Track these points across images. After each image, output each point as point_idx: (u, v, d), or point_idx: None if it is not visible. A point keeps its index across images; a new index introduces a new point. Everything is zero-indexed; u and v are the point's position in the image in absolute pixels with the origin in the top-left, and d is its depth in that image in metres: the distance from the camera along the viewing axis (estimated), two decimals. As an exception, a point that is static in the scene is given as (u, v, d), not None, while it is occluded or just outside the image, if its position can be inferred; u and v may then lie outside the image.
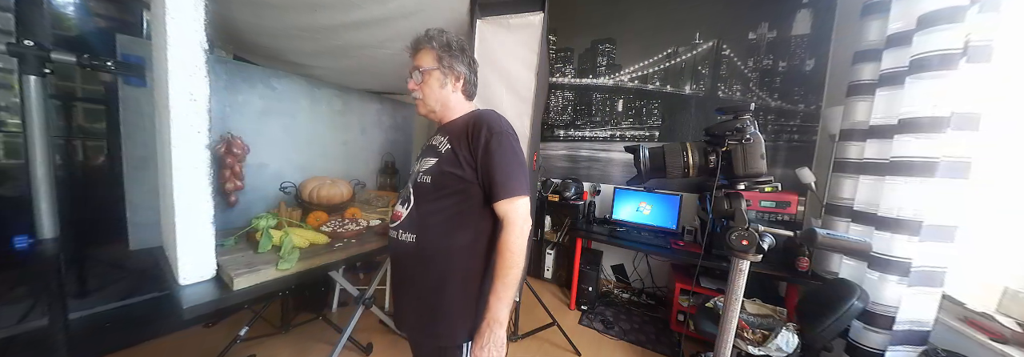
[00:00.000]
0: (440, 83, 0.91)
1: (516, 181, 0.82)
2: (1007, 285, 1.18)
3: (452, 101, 0.94)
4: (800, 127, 2.13)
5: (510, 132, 0.86)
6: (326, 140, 2.10)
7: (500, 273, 0.80)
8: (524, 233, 0.81)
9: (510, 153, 0.83)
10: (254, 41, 1.62)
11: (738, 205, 0.83)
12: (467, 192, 0.85)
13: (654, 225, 2.40)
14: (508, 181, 0.81)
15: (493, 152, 0.81)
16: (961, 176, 1.21)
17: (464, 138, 0.85)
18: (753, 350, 1.36)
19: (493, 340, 0.79)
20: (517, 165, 0.84)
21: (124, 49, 1.57)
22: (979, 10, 1.17)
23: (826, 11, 2.02)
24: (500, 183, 0.81)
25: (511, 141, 0.84)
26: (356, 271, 2.76)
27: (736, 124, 0.79)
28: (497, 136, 0.83)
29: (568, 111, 2.96)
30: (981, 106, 1.19)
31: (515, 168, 0.83)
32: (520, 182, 0.82)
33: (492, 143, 0.82)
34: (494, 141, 0.82)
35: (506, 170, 0.82)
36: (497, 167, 0.81)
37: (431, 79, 0.90)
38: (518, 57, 1.51)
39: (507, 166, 0.82)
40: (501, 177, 0.81)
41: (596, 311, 2.34)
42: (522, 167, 0.85)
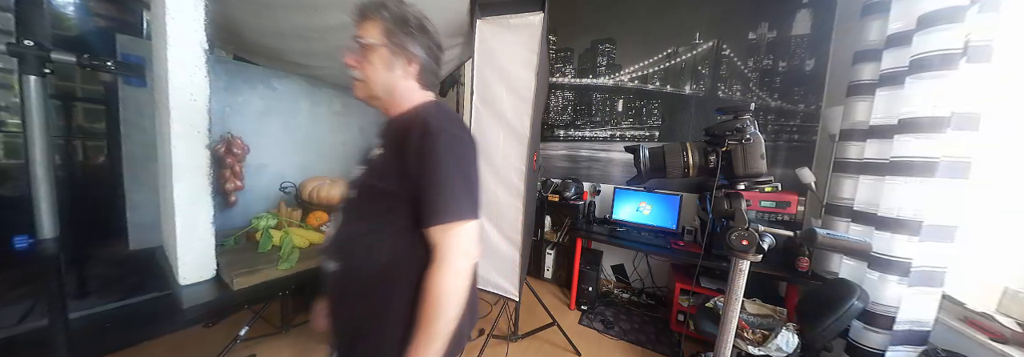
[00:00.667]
0: (385, 64, 0.70)
1: (454, 200, 0.61)
2: (1007, 285, 1.18)
3: (400, 89, 0.72)
4: (800, 127, 2.13)
5: (454, 132, 0.64)
6: (326, 140, 2.10)
7: (422, 322, 0.61)
8: (460, 272, 0.62)
9: (449, 160, 0.62)
10: (254, 41, 1.62)
11: (738, 205, 0.83)
12: (397, 212, 0.65)
13: (654, 225, 2.39)
14: (443, 199, 0.61)
15: (425, 159, 0.61)
16: (961, 176, 1.21)
17: (399, 140, 0.65)
18: (753, 350, 1.36)
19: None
20: (458, 177, 0.62)
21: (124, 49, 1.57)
22: (979, 10, 1.17)
23: (826, 11, 2.02)
24: (431, 202, 0.61)
25: (452, 144, 0.63)
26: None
27: (736, 124, 0.79)
28: (432, 137, 0.61)
29: (568, 111, 2.95)
30: (981, 106, 1.19)
31: (454, 181, 0.62)
32: (460, 201, 0.62)
33: (425, 146, 0.61)
34: (428, 144, 0.61)
35: (441, 184, 0.61)
36: (429, 180, 0.61)
37: (374, 57, 0.70)
38: (518, 57, 1.51)
39: (442, 178, 0.61)
40: (432, 194, 0.61)
41: (596, 311, 2.34)
42: (466, 179, 0.64)
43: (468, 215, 0.62)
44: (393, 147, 0.67)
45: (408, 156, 0.63)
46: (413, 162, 0.62)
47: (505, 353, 1.84)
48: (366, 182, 0.70)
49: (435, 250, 0.62)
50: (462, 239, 0.62)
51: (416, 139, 0.62)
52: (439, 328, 0.61)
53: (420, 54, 0.73)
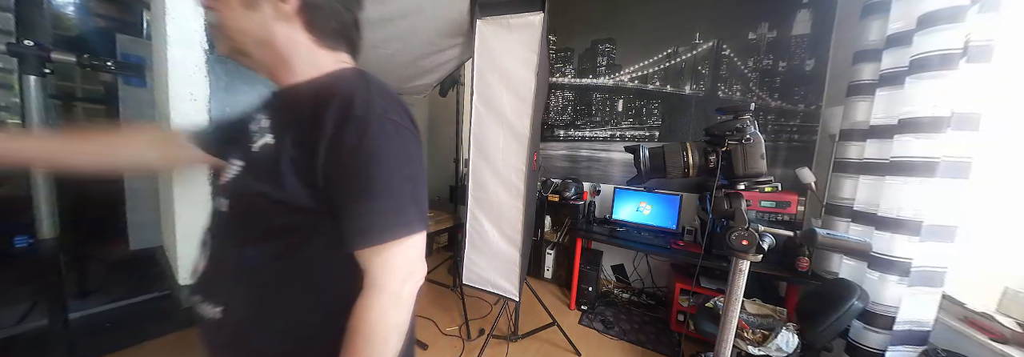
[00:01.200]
0: (245, 1, 0.47)
1: (398, 212, 0.45)
2: (1007, 285, 1.18)
3: (282, 42, 0.49)
4: (800, 127, 2.13)
5: (395, 119, 0.46)
6: (326, 140, 2.10)
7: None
8: (402, 301, 0.45)
9: (391, 159, 0.44)
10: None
11: (738, 205, 0.83)
12: (310, 230, 0.47)
13: (654, 225, 2.39)
14: (382, 213, 0.44)
15: (357, 157, 0.43)
16: (961, 176, 1.21)
17: (305, 127, 0.44)
18: (753, 350, 1.36)
19: None
20: (404, 182, 0.46)
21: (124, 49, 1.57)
22: (979, 10, 1.16)
23: (826, 11, 2.01)
24: (363, 216, 0.44)
25: (396, 136, 0.45)
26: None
27: (736, 124, 0.79)
28: (366, 125, 0.43)
29: (568, 111, 2.95)
30: (981, 106, 1.19)
31: (398, 187, 0.45)
32: (406, 213, 0.46)
33: (355, 139, 0.42)
34: (359, 135, 0.42)
35: (380, 192, 0.44)
36: (362, 186, 0.43)
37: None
38: (518, 57, 1.51)
39: (383, 184, 0.44)
40: (366, 205, 0.43)
41: (596, 311, 2.34)
42: (413, 184, 0.47)
43: (417, 228, 0.46)
44: (297, 135, 0.45)
45: (327, 151, 0.43)
46: (336, 160, 0.43)
47: (505, 353, 1.84)
48: (250, 188, 0.46)
49: (368, 274, 0.45)
50: (407, 259, 0.46)
51: (338, 127, 0.42)
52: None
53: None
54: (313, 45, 0.51)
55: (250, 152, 0.47)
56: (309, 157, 0.43)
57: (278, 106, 0.51)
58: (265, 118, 0.50)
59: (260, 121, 0.51)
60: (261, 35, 0.49)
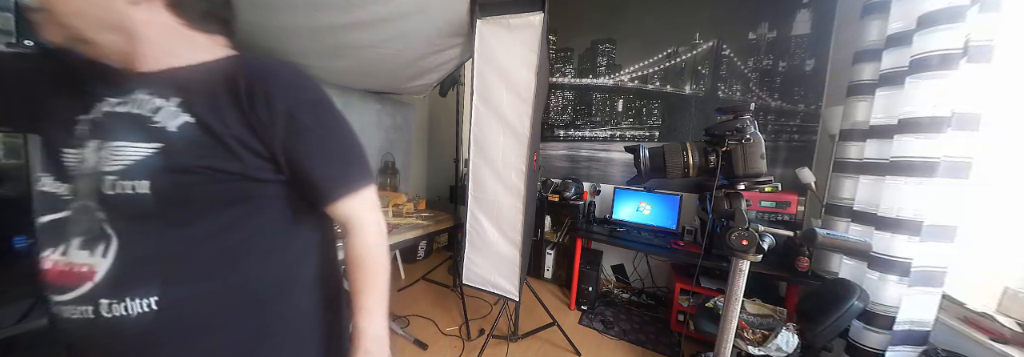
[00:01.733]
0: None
1: (355, 165, 0.57)
2: (1007, 285, 1.18)
3: (141, 26, 0.46)
4: (800, 127, 2.13)
5: (325, 97, 0.54)
6: (326, 140, 2.10)
7: (365, 285, 0.57)
8: (383, 229, 0.60)
9: (337, 125, 0.55)
10: (254, 41, 1.62)
11: (738, 205, 0.83)
12: (262, 198, 0.51)
13: (654, 225, 2.39)
14: (347, 168, 0.56)
15: (312, 128, 0.51)
16: (961, 176, 1.21)
17: (229, 103, 0.47)
18: (753, 350, 1.36)
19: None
20: (351, 141, 0.56)
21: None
22: (979, 10, 1.16)
23: (826, 11, 2.01)
24: (333, 177, 0.54)
25: (331, 106, 0.54)
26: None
27: (736, 124, 0.79)
28: (313, 103, 0.52)
29: (568, 111, 2.95)
30: (981, 106, 1.19)
31: (348, 145, 0.56)
32: (362, 165, 0.58)
33: (303, 114, 0.50)
34: (306, 110, 0.50)
35: (340, 152, 0.55)
36: (323, 151, 0.52)
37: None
38: (518, 57, 1.51)
39: (339, 146, 0.55)
40: (335, 167, 0.54)
41: (596, 311, 2.34)
42: (356, 141, 0.57)
43: (371, 175, 0.59)
44: (230, 112, 0.47)
45: (272, 126, 0.47)
46: (288, 133, 0.49)
47: (505, 353, 1.84)
48: (180, 164, 0.45)
49: (348, 221, 0.57)
50: (374, 201, 0.59)
51: (285, 106, 0.48)
52: (384, 283, 0.59)
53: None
54: (184, 29, 0.49)
55: (164, 131, 0.45)
56: (262, 133, 0.48)
57: (172, 86, 0.48)
58: (151, 97, 0.47)
59: (149, 101, 0.47)
60: (110, 20, 0.44)
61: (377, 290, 0.58)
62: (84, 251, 0.46)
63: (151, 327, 0.46)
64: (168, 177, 0.45)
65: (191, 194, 0.47)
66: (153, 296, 0.46)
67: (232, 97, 0.47)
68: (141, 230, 0.47)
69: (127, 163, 0.45)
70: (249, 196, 0.50)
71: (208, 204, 0.48)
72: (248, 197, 0.50)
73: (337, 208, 0.55)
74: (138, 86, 0.48)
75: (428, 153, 3.64)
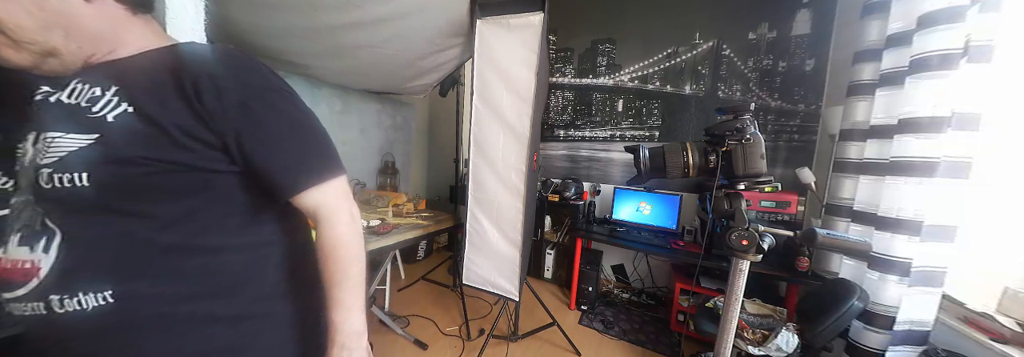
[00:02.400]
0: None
1: (317, 155, 0.54)
2: (1007, 285, 1.18)
3: (92, 21, 0.45)
4: (800, 127, 2.13)
5: (281, 85, 0.51)
6: (326, 140, 2.10)
7: (337, 277, 0.54)
8: (356, 218, 0.57)
9: (294, 113, 0.52)
10: (254, 41, 1.62)
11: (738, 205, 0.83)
12: (217, 188, 0.50)
13: (654, 225, 2.39)
14: (307, 158, 0.53)
15: (265, 116, 0.48)
16: (961, 176, 1.21)
17: (173, 92, 0.45)
18: (753, 350, 1.36)
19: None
20: (310, 129, 0.53)
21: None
22: (979, 10, 1.16)
23: (826, 11, 2.01)
24: (291, 167, 0.51)
25: (287, 93, 0.52)
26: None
27: (736, 124, 0.79)
28: (266, 91, 0.49)
29: (568, 111, 2.95)
30: (981, 106, 1.19)
31: (308, 134, 0.53)
32: (324, 154, 0.55)
33: (255, 102, 0.47)
34: (258, 98, 0.48)
35: (297, 142, 0.52)
36: (279, 141, 0.50)
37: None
38: (518, 57, 1.51)
39: (296, 135, 0.52)
40: (293, 157, 0.51)
41: (596, 311, 2.34)
42: (318, 129, 0.55)
43: (338, 167, 0.55)
44: (171, 101, 0.44)
45: (222, 116, 0.45)
46: (254, 123, 0.47)
47: (505, 353, 1.84)
48: (120, 155, 0.43)
49: (317, 213, 0.54)
50: (343, 190, 0.55)
51: (235, 97, 0.46)
52: (358, 274, 0.55)
53: None
54: (126, 13, 0.47)
55: (101, 121, 0.43)
56: (212, 122, 0.45)
57: (111, 76, 0.46)
58: (91, 86, 0.45)
59: (89, 92, 0.45)
60: (67, 24, 0.42)
61: (350, 282, 0.55)
62: (24, 247, 0.45)
63: (109, 320, 0.45)
64: (108, 168, 0.43)
65: (137, 185, 0.45)
66: (107, 290, 0.45)
67: (176, 86, 0.44)
68: (85, 223, 0.45)
69: (61, 154, 0.43)
70: (204, 187, 0.48)
71: (159, 196, 0.46)
72: (203, 188, 0.48)
73: (301, 200, 0.53)
74: (73, 77, 0.46)
75: (428, 153, 3.64)
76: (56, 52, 0.43)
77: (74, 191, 0.43)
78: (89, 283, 0.45)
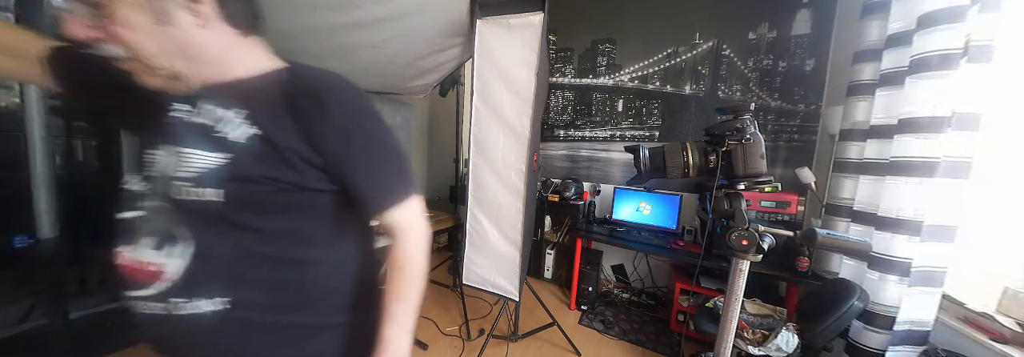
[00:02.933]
0: (152, 13, 0.42)
1: (402, 175, 0.57)
2: (1007, 285, 1.18)
3: (211, 44, 0.47)
4: (800, 127, 2.13)
5: (373, 106, 0.53)
6: (326, 140, 2.10)
7: (400, 293, 0.57)
8: (427, 237, 0.60)
9: (384, 136, 0.54)
10: (254, 41, 1.62)
11: (738, 205, 0.83)
12: (315, 206, 0.53)
13: (654, 225, 2.39)
14: (394, 178, 0.56)
15: (362, 139, 0.51)
16: (961, 176, 1.21)
17: (287, 114, 0.48)
18: (753, 350, 1.36)
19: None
20: (397, 151, 0.56)
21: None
22: (980, 10, 1.16)
23: (826, 11, 2.01)
24: (382, 187, 0.54)
25: (378, 117, 0.54)
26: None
27: (736, 124, 0.79)
28: (366, 114, 0.52)
29: (568, 111, 2.95)
30: (981, 106, 1.19)
31: (395, 156, 0.56)
32: (407, 174, 0.58)
33: (353, 126, 0.50)
34: (356, 122, 0.51)
35: (387, 163, 0.55)
36: (373, 162, 0.53)
37: (121, 7, 0.41)
38: (518, 57, 1.51)
39: (386, 157, 0.54)
40: (384, 177, 0.55)
41: (596, 311, 2.34)
42: (401, 151, 0.57)
43: (416, 188, 0.59)
44: (287, 124, 0.48)
45: (325, 137, 0.48)
46: (341, 143, 0.49)
47: (505, 353, 1.84)
48: (246, 174, 0.47)
49: (394, 230, 0.57)
50: (421, 210, 0.59)
51: (340, 117, 0.48)
52: (417, 295, 0.58)
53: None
54: (238, 37, 0.49)
55: (233, 143, 0.47)
56: (316, 144, 0.48)
57: (233, 98, 0.49)
58: (222, 108, 0.49)
59: (215, 111, 0.49)
60: (188, 48, 0.45)
61: (410, 301, 0.57)
62: (155, 250, 0.49)
63: (222, 325, 0.49)
64: (236, 186, 0.47)
65: (254, 202, 0.49)
66: (223, 296, 0.49)
67: (289, 109, 0.48)
68: (212, 234, 0.49)
69: (200, 171, 0.47)
70: (304, 205, 0.52)
71: (269, 211, 0.50)
72: (302, 206, 0.52)
73: (385, 217, 0.56)
74: (204, 96, 0.50)
75: (428, 153, 3.64)
76: (180, 75, 0.47)
77: (206, 205, 0.47)
78: (209, 289, 0.49)
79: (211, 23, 0.46)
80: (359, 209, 0.55)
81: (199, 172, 0.47)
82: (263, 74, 0.51)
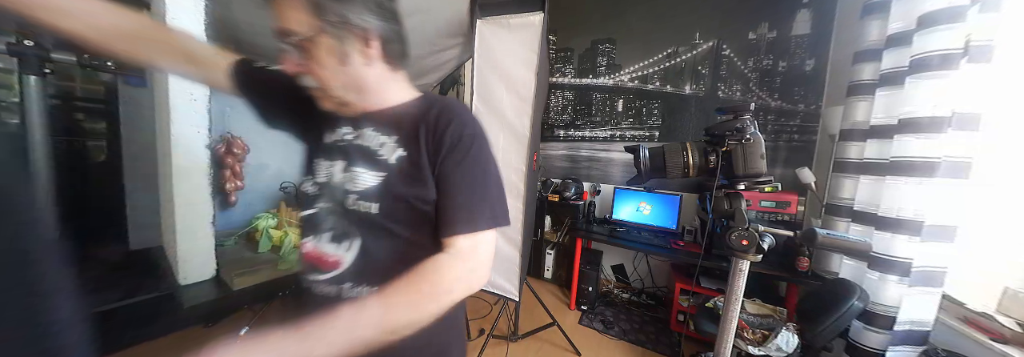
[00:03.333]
0: (337, 55, 0.52)
1: (490, 207, 0.56)
2: (1007, 285, 1.18)
3: (372, 82, 0.57)
4: (800, 127, 2.13)
5: (484, 133, 0.59)
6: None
7: (393, 299, 0.49)
8: (466, 276, 0.53)
9: (490, 165, 0.58)
10: (254, 41, 1.62)
11: (738, 205, 0.83)
12: (429, 222, 0.58)
13: (654, 225, 2.39)
14: (480, 207, 0.55)
15: (467, 162, 0.55)
16: (961, 176, 1.21)
17: (422, 138, 0.55)
18: (753, 350, 1.36)
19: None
20: (494, 182, 0.58)
21: (124, 49, 1.56)
22: (979, 10, 1.16)
23: (826, 11, 2.01)
24: (465, 210, 0.55)
25: (490, 149, 0.58)
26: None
27: (736, 124, 0.79)
28: (478, 140, 0.57)
29: (568, 111, 2.95)
30: (981, 106, 1.19)
31: (493, 187, 0.58)
32: (496, 208, 0.57)
33: (459, 150, 0.55)
34: (468, 147, 0.55)
35: (480, 191, 0.56)
36: (467, 184, 0.55)
37: (319, 51, 0.51)
38: (518, 57, 1.51)
39: (483, 184, 0.57)
40: (471, 201, 0.55)
41: (596, 311, 2.34)
42: (500, 187, 0.59)
43: (502, 221, 0.57)
44: (421, 146, 0.55)
45: (441, 157, 0.54)
46: (449, 163, 0.55)
47: (505, 353, 1.84)
48: (394, 192, 0.56)
49: (456, 247, 0.54)
50: (488, 249, 0.56)
51: (452, 139, 0.54)
52: (423, 317, 0.50)
53: (374, 22, 0.53)
54: (388, 72, 0.59)
55: (387, 164, 0.57)
56: (433, 164, 0.55)
57: (386, 124, 0.59)
58: (374, 132, 0.59)
59: (375, 137, 0.59)
60: (357, 83, 0.56)
61: (392, 308, 0.49)
62: (334, 244, 0.59)
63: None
64: (389, 201, 0.56)
65: (400, 214, 0.57)
66: (375, 286, 0.57)
67: (424, 134, 0.56)
68: (373, 237, 0.58)
69: (365, 187, 0.57)
70: (425, 218, 0.57)
71: (409, 223, 0.57)
72: (424, 219, 0.57)
73: (454, 240, 0.54)
74: (365, 122, 0.60)
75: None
76: (348, 103, 0.57)
77: (368, 215, 0.57)
78: (369, 279, 0.58)
79: (373, 62, 0.56)
80: (438, 226, 0.56)
81: (364, 188, 0.57)
82: (406, 102, 0.61)
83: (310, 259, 0.61)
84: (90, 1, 0.57)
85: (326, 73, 0.53)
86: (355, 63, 0.54)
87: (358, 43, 0.53)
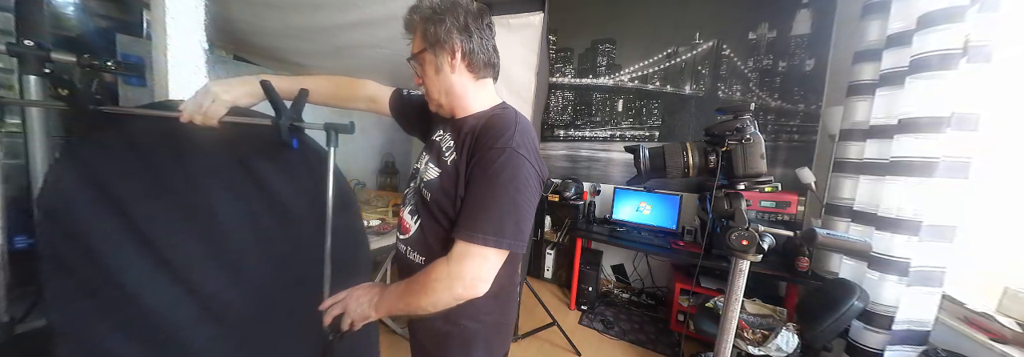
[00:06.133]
0: (434, 67, 0.68)
1: (491, 222, 0.58)
2: (1007, 285, 1.18)
3: (457, 87, 0.69)
4: (800, 127, 2.13)
5: (522, 153, 0.60)
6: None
7: (394, 292, 0.65)
8: (465, 292, 0.59)
9: (511, 185, 0.59)
10: (254, 41, 1.62)
11: (738, 205, 0.83)
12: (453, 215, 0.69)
13: (654, 225, 2.39)
14: (478, 216, 0.59)
15: (487, 174, 0.60)
16: (961, 176, 1.22)
17: (466, 145, 0.65)
18: (753, 350, 1.36)
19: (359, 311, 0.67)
20: (505, 198, 0.59)
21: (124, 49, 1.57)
22: (979, 10, 1.17)
23: (826, 11, 2.02)
24: (470, 215, 0.60)
25: (515, 165, 0.59)
26: (356, 271, 2.76)
27: (736, 124, 0.79)
28: (506, 156, 0.59)
29: (568, 111, 2.95)
30: (981, 106, 1.19)
31: (507, 206, 0.59)
32: (499, 225, 0.58)
33: (484, 162, 0.60)
34: (492, 161, 0.59)
35: (492, 205, 0.59)
36: (478, 195, 0.60)
37: (425, 65, 0.69)
38: (518, 57, 1.51)
39: (494, 198, 0.59)
40: (473, 208, 0.60)
41: (596, 311, 2.34)
42: (514, 205, 0.59)
43: (504, 243, 0.58)
44: (464, 152, 0.65)
45: (472, 165, 0.63)
46: (474, 172, 0.62)
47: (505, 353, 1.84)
48: (442, 186, 0.67)
49: (453, 256, 0.60)
50: (480, 266, 0.59)
51: (484, 150, 0.61)
52: (415, 307, 0.62)
53: (458, 40, 0.66)
54: (472, 81, 0.71)
55: (445, 163, 0.68)
56: (467, 171, 0.64)
57: (456, 133, 0.70)
58: (449, 137, 0.71)
59: (448, 141, 0.71)
60: (448, 88, 0.70)
61: (396, 301, 0.65)
62: (410, 215, 0.75)
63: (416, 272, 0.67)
64: (439, 194, 0.67)
65: (442, 205, 0.67)
66: (424, 257, 0.72)
67: (471, 141, 0.65)
68: (426, 218, 0.71)
69: (429, 178, 0.69)
70: (453, 213, 0.66)
71: (445, 214, 0.67)
72: (453, 213, 0.66)
73: (455, 243, 0.61)
74: (449, 127, 0.74)
75: (428, 153, 3.63)
76: (443, 106, 0.73)
77: (425, 200, 0.70)
78: (419, 249, 0.73)
79: (459, 71, 0.69)
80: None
81: (429, 179, 0.69)
82: (479, 113, 0.72)
83: (400, 222, 0.78)
84: (319, 80, 0.84)
85: (428, 81, 0.71)
86: (445, 72, 0.68)
87: (447, 56, 0.67)
